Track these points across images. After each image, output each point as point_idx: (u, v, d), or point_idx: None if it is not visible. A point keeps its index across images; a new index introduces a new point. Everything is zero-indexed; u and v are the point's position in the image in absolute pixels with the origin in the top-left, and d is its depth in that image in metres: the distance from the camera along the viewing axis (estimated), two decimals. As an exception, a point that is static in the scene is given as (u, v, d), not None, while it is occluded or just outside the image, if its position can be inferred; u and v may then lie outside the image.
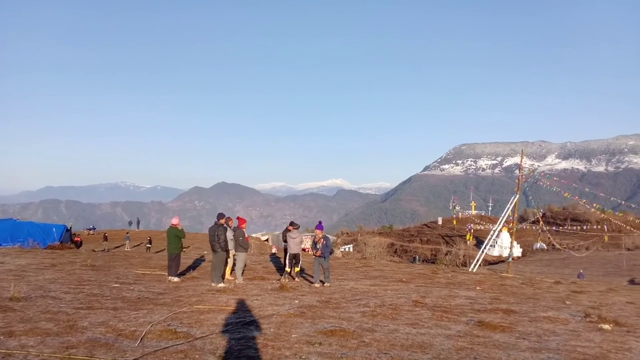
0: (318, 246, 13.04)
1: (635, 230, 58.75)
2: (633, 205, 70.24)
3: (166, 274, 13.25)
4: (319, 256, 13.03)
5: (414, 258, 69.36)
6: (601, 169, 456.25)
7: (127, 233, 43.84)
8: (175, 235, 12.94)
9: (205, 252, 25.73)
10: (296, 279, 13.65)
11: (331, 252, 13.06)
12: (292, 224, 15.32)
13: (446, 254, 51.72)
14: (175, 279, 12.71)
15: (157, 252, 32.60)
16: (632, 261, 46.40)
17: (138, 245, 40.96)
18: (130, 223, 62.84)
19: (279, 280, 13.18)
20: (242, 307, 9.08)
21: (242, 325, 7.43)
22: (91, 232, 53.45)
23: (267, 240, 51.83)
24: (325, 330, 7.14)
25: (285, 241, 14.66)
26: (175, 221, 13.27)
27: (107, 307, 8.58)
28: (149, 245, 36.96)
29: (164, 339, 6.42)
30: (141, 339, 6.35)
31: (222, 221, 12.74)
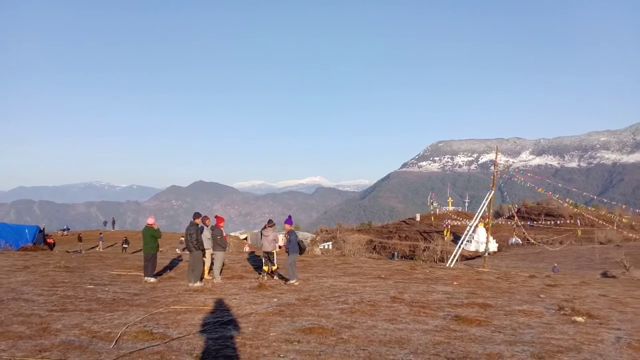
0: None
1: (607, 225, 60.46)
2: (605, 200, 72.14)
3: (142, 274, 13.05)
4: (286, 252, 12.93)
5: (393, 254, 70.07)
6: (574, 164, 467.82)
7: (101, 233, 43.03)
8: (151, 235, 12.75)
9: (183, 251, 25.48)
10: (275, 277, 13.60)
11: (302, 249, 12.85)
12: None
13: (424, 250, 52.43)
14: (152, 280, 12.53)
15: (134, 252, 32.10)
16: (605, 255, 47.63)
17: (112, 245, 40.27)
18: (105, 223, 61.73)
19: (257, 278, 13.11)
20: (220, 307, 9.00)
21: (219, 325, 7.37)
22: (65, 232, 52.33)
23: (245, 239, 51.62)
24: (304, 328, 7.14)
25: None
26: (150, 221, 13.07)
27: (82, 309, 8.40)
28: (125, 246, 36.37)
29: (139, 340, 6.33)
30: (116, 340, 6.24)
31: (198, 220, 12.61)
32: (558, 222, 73.59)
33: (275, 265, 13.74)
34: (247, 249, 36.88)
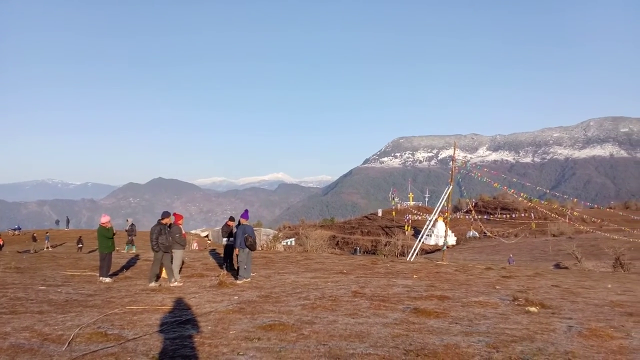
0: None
1: (559, 218, 63.08)
2: (557, 194, 75.25)
3: (97, 274, 12.64)
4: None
5: (355, 249, 70.83)
6: (528, 160, 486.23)
7: (47, 233, 41.28)
8: (103, 235, 12.36)
9: (142, 251, 24.87)
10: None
11: (250, 245, 12.46)
12: (231, 218, 15.10)
13: (385, 245, 53.26)
14: (107, 280, 12.14)
15: (90, 252, 31.04)
16: (557, 246, 49.75)
17: (60, 245, 38.79)
18: (57, 222, 59.45)
19: (218, 276, 12.92)
20: (178, 306, 8.82)
21: (177, 325, 7.21)
22: (16, 232, 50.05)
23: (207, 236, 50.88)
24: (265, 325, 7.08)
25: (225, 237, 14.42)
26: (104, 219, 12.66)
27: (32, 311, 8.05)
28: (81, 245, 35.14)
29: (93, 342, 6.11)
30: (69, 343, 6.00)
31: (166, 220, 12.08)
32: (513, 215, 76.26)
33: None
34: (195, 246, 36.29)
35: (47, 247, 35.84)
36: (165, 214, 12.21)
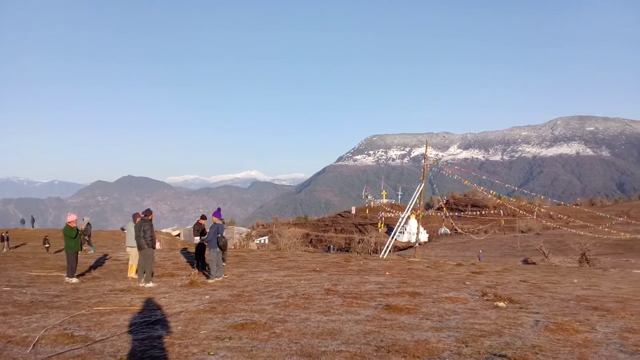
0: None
1: (527, 214, 64.71)
2: (525, 191, 77.25)
3: (64, 275, 12.30)
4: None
5: (329, 247, 71.11)
6: (497, 158, 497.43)
7: (7, 232, 39.65)
8: (68, 235, 12.04)
9: (110, 250, 24.35)
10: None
11: (221, 245, 12.32)
12: (203, 217, 14.95)
13: (359, 242, 53.50)
14: (74, 280, 11.83)
15: (56, 252, 30.17)
16: (525, 242, 50.95)
17: (21, 245, 37.52)
18: (22, 221, 57.50)
19: (189, 276, 12.75)
20: (147, 306, 8.67)
21: (147, 325, 7.08)
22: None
23: (178, 235, 50.16)
24: (236, 324, 7.03)
25: (196, 235, 14.26)
26: (70, 218, 12.33)
27: (-6, 314, 7.78)
28: (47, 245, 34.08)
29: (59, 343, 5.94)
30: (33, 345, 5.82)
31: (151, 217, 12.09)
32: (483, 212, 77.78)
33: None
34: (158, 245, 35.55)
35: (6, 249, 34.35)
36: (149, 211, 12.17)
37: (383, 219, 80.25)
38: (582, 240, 33.09)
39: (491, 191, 51.83)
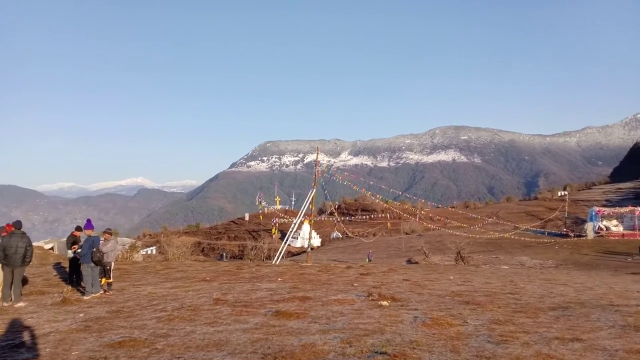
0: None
1: (411, 217, 69.15)
2: (409, 196, 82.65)
3: None
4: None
5: (222, 255, 69.42)
6: (384, 164, 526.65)
7: None
8: None
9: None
10: (110, 292, 12.03)
11: (96, 260, 11.42)
12: (78, 228, 13.72)
13: (252, 249, 52.94)
14: None
15: None
16: (409, 243, 54.36)
17: None
18: None
19: (61, 293, 11.57)
20: (12, 328, 7.70)
21: (9, 349, 6.30)
22: None
23: (51, 249, 45.50)
24: (113, 343, 6.50)
25: (70, 248, 13.02)
26: None
27: None
28: None
29: None
30: None
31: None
32: (372, 216, 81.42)
33: (111, 278, 12.23)
34: None
35: None
36: (19, 223, 11.25)
37: (277, 225, 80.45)
38: (457, 239, 36.17)
39: (378, 195, 54.52)
